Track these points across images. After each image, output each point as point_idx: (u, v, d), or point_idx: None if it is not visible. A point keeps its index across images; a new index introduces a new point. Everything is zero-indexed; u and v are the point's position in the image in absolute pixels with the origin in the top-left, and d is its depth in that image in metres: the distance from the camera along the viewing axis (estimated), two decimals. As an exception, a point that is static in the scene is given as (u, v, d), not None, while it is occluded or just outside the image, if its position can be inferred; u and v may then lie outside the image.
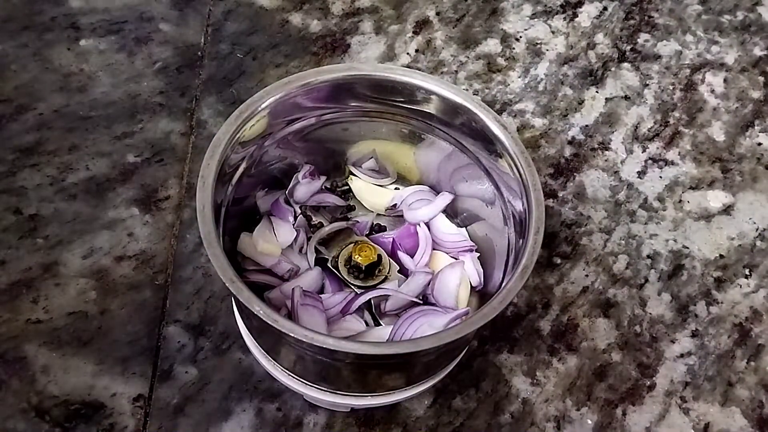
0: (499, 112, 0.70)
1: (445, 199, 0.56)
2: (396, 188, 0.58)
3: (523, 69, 0.74)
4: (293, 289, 0.48)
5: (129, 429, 0.51)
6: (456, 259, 0.54)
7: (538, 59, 0.75)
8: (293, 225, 0.53)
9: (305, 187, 0.55)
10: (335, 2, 0.77)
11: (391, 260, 0.53)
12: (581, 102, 0.72)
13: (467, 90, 0.71)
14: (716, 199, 0.67)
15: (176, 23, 0.73)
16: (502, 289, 0.42)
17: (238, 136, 0.46)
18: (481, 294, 0.54)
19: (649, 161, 0.69)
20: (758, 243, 0.65)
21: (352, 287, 0.52)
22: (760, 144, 0.71)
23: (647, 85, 0.74)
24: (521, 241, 0.45)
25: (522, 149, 0.47)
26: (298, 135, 0.52)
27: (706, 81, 0.75)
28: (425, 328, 0.49)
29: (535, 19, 0.78)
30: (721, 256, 0.64)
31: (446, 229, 0.56)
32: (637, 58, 0.76)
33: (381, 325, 0.51)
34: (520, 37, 0.76)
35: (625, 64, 0.75)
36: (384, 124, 0.53)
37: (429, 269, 0.53)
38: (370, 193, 0.57)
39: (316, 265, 0.53)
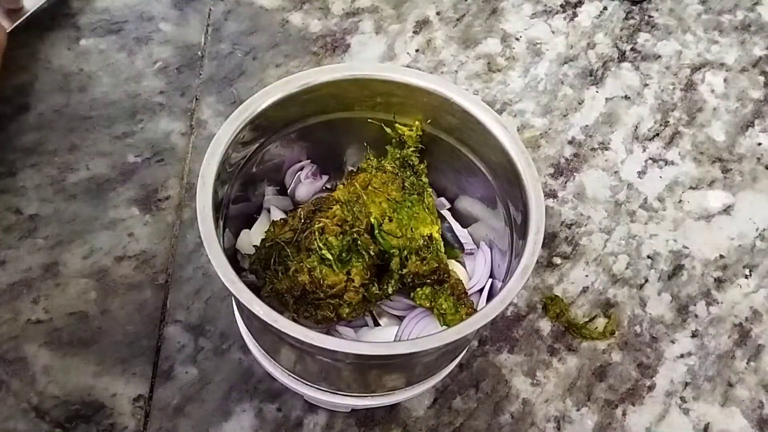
0: (499, 112, 0.70)
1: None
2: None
3: (523, 69, 0.74)
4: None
5: (129, 429, 0.51)
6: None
7: (538, 59, 0.75)
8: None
9: (307, 186, 0.55)
10: (335, 2, 0.77)
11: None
12: (581, 102, 0.72)
13: (467, 90, 0.71)
14: (716, 199, 0.67)
15: (176, 23, 0.73)
16: (502, 289, 0.42)
17: (238, 136, 0.46)
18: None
19: (649, 161, 0.69)
20: (758, 243, 0.65)
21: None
22: (760, 144, 0.71)
23: (647, 85, 0.74)
24: (521, 241, 0.45)
25: (522, 149, 0.47)
26: (299, 135, 0.52)
27: (706, 81, 0.75)
28: (431, 328, 0.50)
29: (535, 19, 0.78)
30: (721, 256, 0.64)
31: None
32: (637, 58, 0.76)
33: (381, 325, 0.51)
34: (520, 36, 0.76)
35: (625, 64, 0.75)
36: (384, 124, 0.53)
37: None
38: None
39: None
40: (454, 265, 0.53)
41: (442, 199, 0.56)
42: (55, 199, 0.61)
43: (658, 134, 0.71)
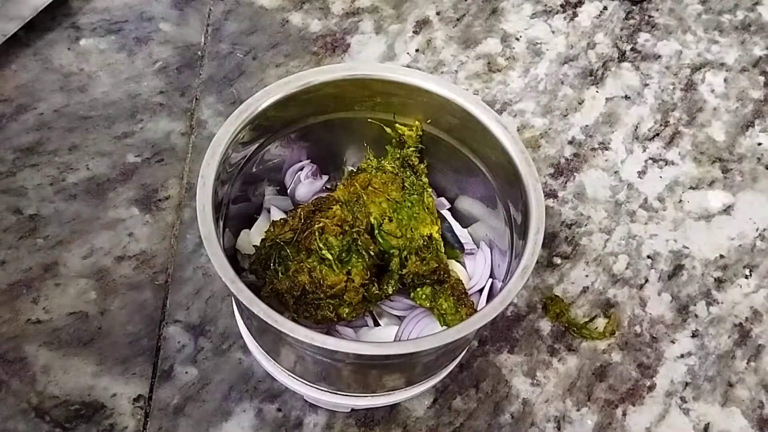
0: (499, 112, 0.70)
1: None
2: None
3: (523, 69, 0.74)
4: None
5: (129, 429, 0.51)
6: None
7: (538, 59, 0.75)
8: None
9: (306, 186, 0.55)
10: (335, 2, 0.77)
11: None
12: (581, 102, 0.72)
13: (467, 90, 0.71)
14: (716, 199, 0.67)
15: (176, 23, 0.73)
16: (502, 289, 0.42)
17: (238, 136, 0.46)
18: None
19: (649, 161, 0.69)
20: (758, 243, 0.65)
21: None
22: (760, 144, 0.71)
23: (647, 84, 0.74)
24: (521, 241, 0.45)
25: (522, 149, 0.47)
26: (299, 135, 0.52)
27: (706, 81, 0.75)
28: (431, 328, 0.50)
29: (535, 19, 0.78)
30: (721, 256, 0.64)
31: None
32: (637, 58, 0.76)
33: (380, 325, 0.51)
34: (520, 36, 0.76)
35: (625, 64, 0.75)
36: (384, 124, 0.53)
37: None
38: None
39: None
40: (454, 265, 0.53)
41: (442, 199, 0.56)
42: (55, 199, 0.61)
43: (658, 134, 0.71)
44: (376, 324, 0.52)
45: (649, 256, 0.63)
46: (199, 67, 0.70)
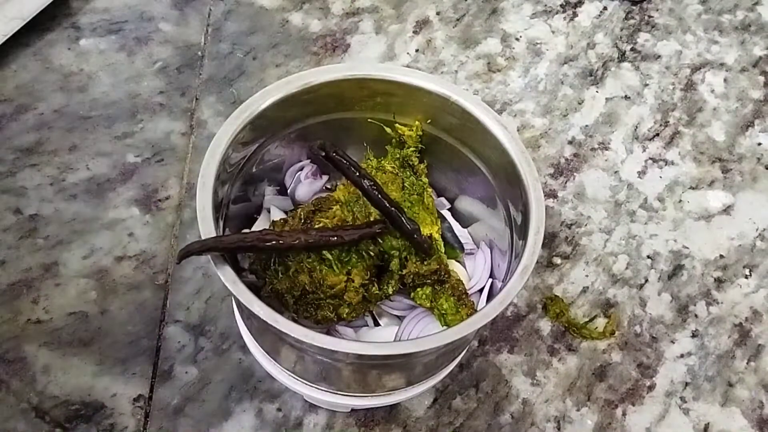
0: (499, 112, 0.70)
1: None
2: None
3: (523, 69, 0.74)
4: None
5: (129, 429, 0.51)
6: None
7: (538, 59, 0.75)
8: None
9: (307, 186, 0.55)
10: (335, 2, 0.77)
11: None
12: (581, 102, 0.72)
13: (467, 90, 0.71)
14: (716, 199, 0.67)
15: (176, 23, 0.73)
16: (502, 289, 0.42)
17: (238, 136, 0.46)
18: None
19: (649, 161, 0.69)
20: (758, 243, 0.65)
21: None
22: (760, 144, 0.71)
23: (647, 85, 0.74)
24: (521, 241, 0.45)
25: (522, 149, 0.47)
26: (299, 135, 0.52)
27: (706, 81, 0.75)
28: (431, 328, 0.50)
29: (535, 19, 0.78)
30: (721, 256, 0.64)
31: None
32: (637, 58, 0.76)
33: (380, 325, 0.51)
34: (520, 36, 0.76)
35: (625, 64, 0.75)
36: (384, 124, 0.53)
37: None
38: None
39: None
40: (454, 265, 0.53)
41: (442, 199, 0.56)
42: (55, 199, 0.61)
43: (658, 134, 0.71)
44: (376, 324, 0.52)
45: (649, 256, 0.63)
46: (199, 67, 0.70)
